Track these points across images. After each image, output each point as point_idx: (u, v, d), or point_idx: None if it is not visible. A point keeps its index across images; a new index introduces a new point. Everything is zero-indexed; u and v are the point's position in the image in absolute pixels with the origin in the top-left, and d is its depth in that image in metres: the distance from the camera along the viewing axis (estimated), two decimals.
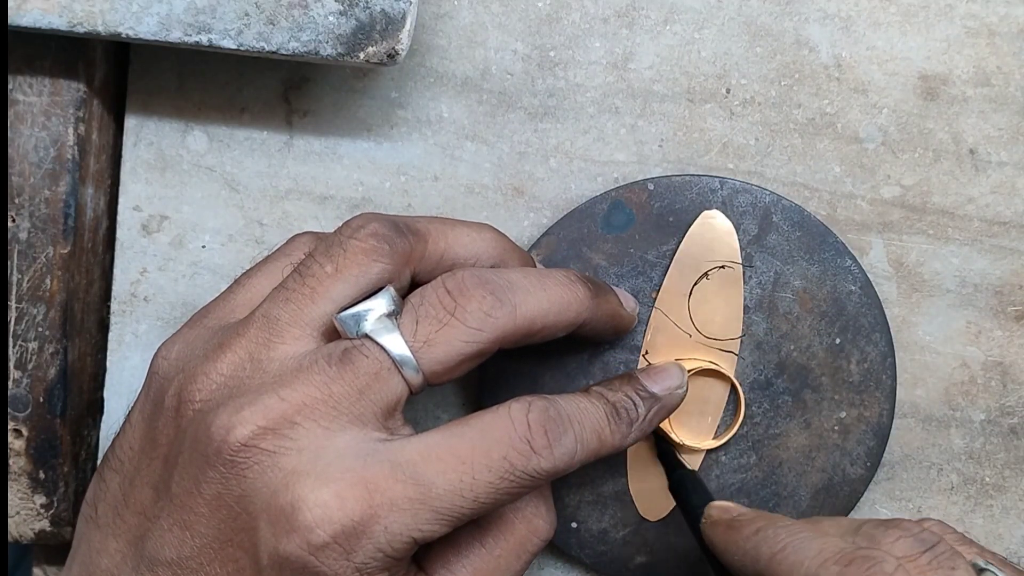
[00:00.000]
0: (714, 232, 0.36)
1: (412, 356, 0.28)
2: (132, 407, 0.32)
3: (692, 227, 0.36)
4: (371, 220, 0.30)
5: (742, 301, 0.36)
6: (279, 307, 0.30)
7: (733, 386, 0.36)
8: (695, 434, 0.37)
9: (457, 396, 0.39)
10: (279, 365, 0.29)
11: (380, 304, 0.29)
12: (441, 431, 0.28)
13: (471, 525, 0.30)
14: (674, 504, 0.36)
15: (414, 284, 0.31)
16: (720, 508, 0.32)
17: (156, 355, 0.32)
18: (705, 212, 0.36)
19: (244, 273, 0.33)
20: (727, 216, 0.37)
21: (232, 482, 0.27)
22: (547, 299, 0.30)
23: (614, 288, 0.35)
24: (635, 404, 0.32)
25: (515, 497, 0.28)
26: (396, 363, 0.28)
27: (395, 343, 0.28)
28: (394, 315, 0.29)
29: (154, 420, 0.30)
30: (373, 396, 0.28)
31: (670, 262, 0.37)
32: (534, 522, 0.31)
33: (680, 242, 0.37)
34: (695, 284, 0.36)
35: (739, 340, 0.36)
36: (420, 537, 0.27)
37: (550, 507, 0.32)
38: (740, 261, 0.36)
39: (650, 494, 0.37)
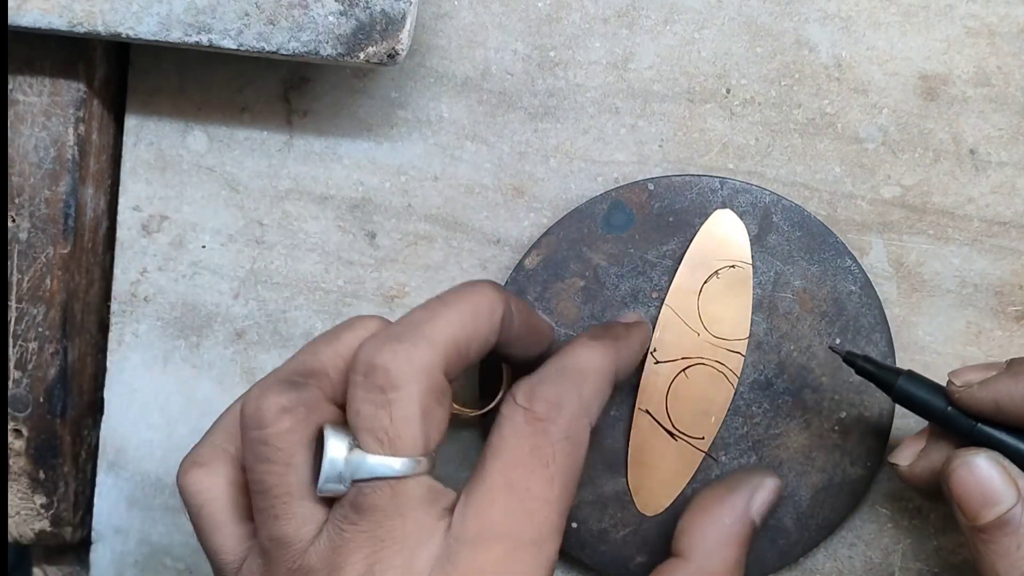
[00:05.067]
0: (725, 231, 0.36)
1: (397, 457, 0.27)
2: None
3: (704, 225, 0.36)
4: (264, 396, 0.28)
5: (751, 302, 0.36)
6: (272, 527, 0.28)
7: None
8: (698, 430, 0.37)
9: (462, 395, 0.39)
10: (316, 558, 0.28)
11: (336, 449, 0.28)
12: (474, 481, 0.28)
13: None
14: (671, 500, 0.36)
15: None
16: (969, 370, 0.31)
17: None
18: (717, 211, 0.36)
19: None
20: None
21: None
22: (457, 312, 0.29)
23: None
24: (605, 329, 0.33)
25: (576, 459, 0.28)
26: (395, 476, 0.27)
27: (377, 464, 0.27)
28: (352, 446, 0.28)
29: None
30: (409, 509, 0.27)
31: (680, 260, 0.37)
32: None
33: (690, 240, 0.37)
34: (705, 282, 0.36)
35: (746, 341, 0.36)
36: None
37: None
38: (750, 261, 0.36)
39: (649, 491, 0.37)
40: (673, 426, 0.36)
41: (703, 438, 0.37)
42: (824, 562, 0.38)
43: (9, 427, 0.38)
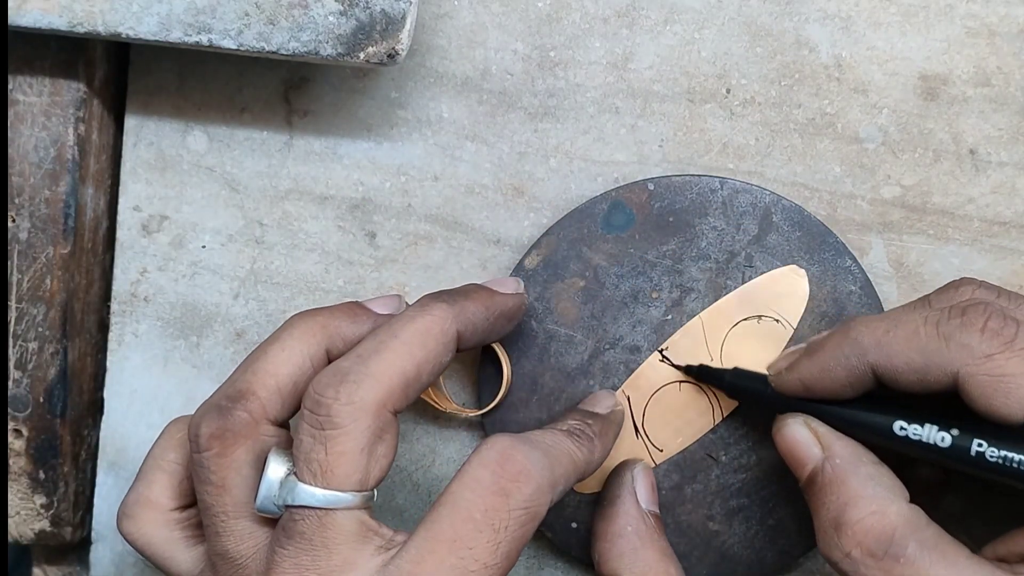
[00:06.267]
0: (792, 288, 0.36)
1: (329, 491, 0.28)
2: None
3: (776, 271, 0.36)
4: (199, 422, 0.30)
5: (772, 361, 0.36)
6: (215, 543, 0.30)
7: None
8: (662, 442, 0.37)
9: (458, 398, 0.39)
10: (254, 570, 0.30)
11: (274, 471, 0.29)
12: (422, 526, 0.28)
13: None
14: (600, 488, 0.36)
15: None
16: (780, 358, 0.34)
17: None
18: (795, 267, 0.36)
19: None
20: (726, 217, 0.37)
21: None
22: (404, 342, 0.30)
23: (486, 283, 0.35)
24: (587, 424, 0.33)
25: (528, 531, 0.28)
26: (322, 507, 0.28)
27: (310, 494, 0.28)
28: (291, 471, 0.29)
29: None
30: (336, 543, 0.28)
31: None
32: None
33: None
34: (745, 319, 0.36)
35: None
36: None
37: None
38: (795, 326, 0.36)
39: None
40: (643, 424, 0.36)
41: (662, 451, 0.37)
42: (824, 562, 0.38)
43: (9, 427, 0.38)
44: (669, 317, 0.37)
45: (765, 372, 0.35)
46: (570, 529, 0.37)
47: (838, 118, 0.38)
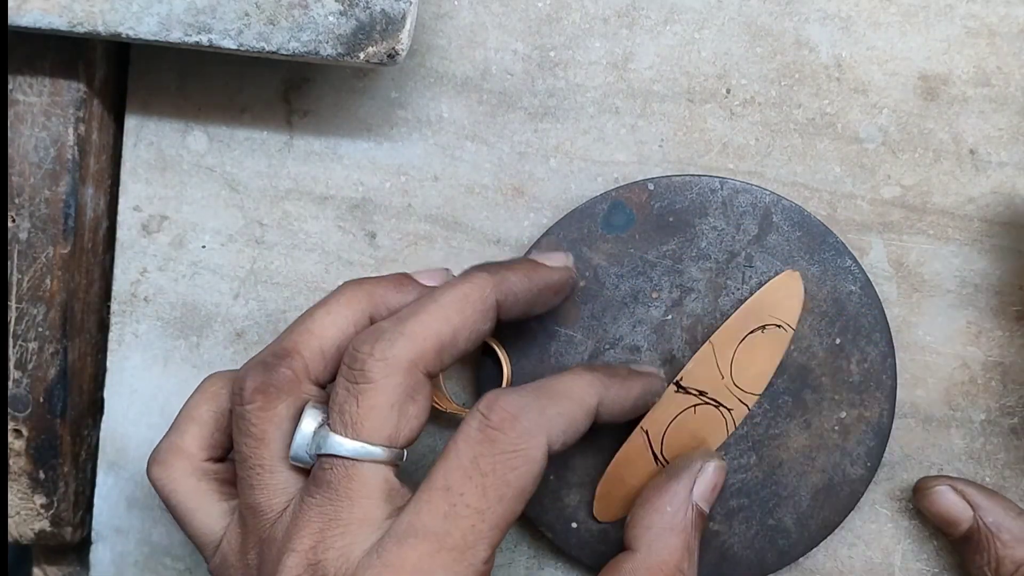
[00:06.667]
0: (787, 292, 0.36)
1: (358, 442, 0.29)
2: None
3: (773, 280, 0.36)
4: (244, 377, 0.31)
5: (777, 364, 0.36)
6: (248, 496, 0.31)
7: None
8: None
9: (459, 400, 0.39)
10: (280, 528, 0.30)
11: (308, 424, 0.30)
12: (423, 481, 0.29)
13: None
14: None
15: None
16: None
17: None
18: (789, 271, 0.36)
19: None
20: (726, 217, 0.37)
21: None
22: (441, 306, 0.31)
23: (535, 255, 0.36)
24: (609, 366, 0.35)
25: (521, 474, 0.29)
26: (354, 458, 0.29)
27: (340, 443, 0.29)
28: (325, 422, 0.30)
29: None
30: (360, 495, 0.29)
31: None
32: None
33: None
34: (750, 332, 0.36)
35: (758, 397, 0.36)
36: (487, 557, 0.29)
37: None
38: (794, 327, 0.36)
39: (611, 500, 0.37)
40: (662, 452, 0.36)
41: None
42: (824, 562, 0.38)
43: (9, 427, 0.38)
44: (669, 317, 0.37)
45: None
46: (570, 529, 0.37)
47: (838, 118, 0.38)
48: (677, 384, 0.36)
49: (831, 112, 0.38)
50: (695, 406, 0.36)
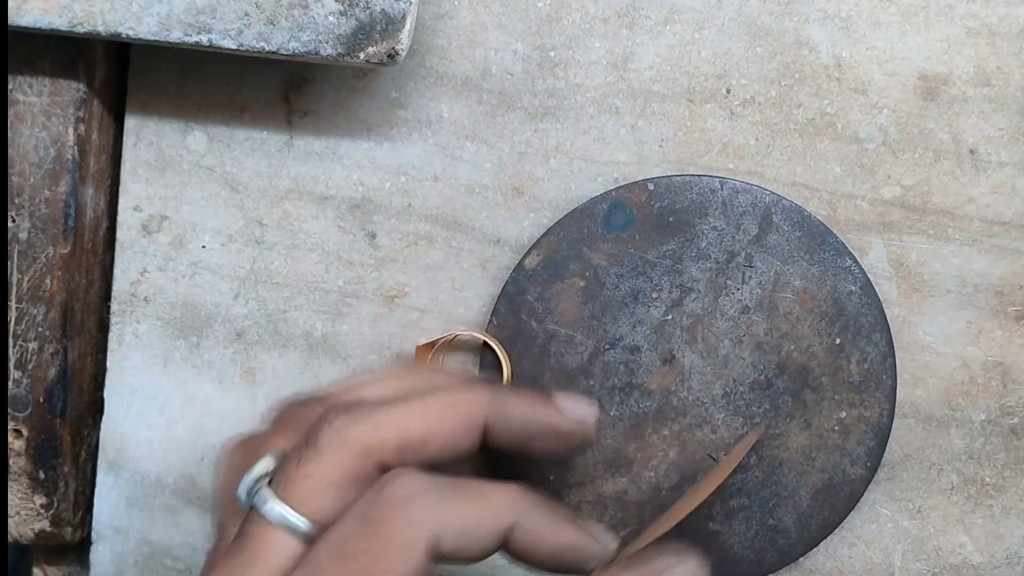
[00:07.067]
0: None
1: (282, 505, 0.27)
2: None
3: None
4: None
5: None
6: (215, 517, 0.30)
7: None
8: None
9: None
10: (220, 553, 0.29)
11: (260, 468, 0.28)
12: (312, 550, 0.27)
13: None
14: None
15: None
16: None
17: None
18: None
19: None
20: (726, 217, 0.37)
21: None
22: (425, 404, 0.28)
23: (556, 396, 0.31)
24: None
25: (391, 568, 0.26)
26: (269, 519, 0.27)
27: (264, 499, 0.27)
28: (268, 476, 0.28)
29: None
30: (261, 559, 0.27)
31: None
32: None
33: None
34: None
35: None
36: None
37: None
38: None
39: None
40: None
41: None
42: (824, 562, 0.38)
43: (9, 427, 0.38)
44: (669, 317, 0.37)
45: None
46: None
47: (838, 118, 0.38)
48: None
49: (831, 112, 0.38)
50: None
